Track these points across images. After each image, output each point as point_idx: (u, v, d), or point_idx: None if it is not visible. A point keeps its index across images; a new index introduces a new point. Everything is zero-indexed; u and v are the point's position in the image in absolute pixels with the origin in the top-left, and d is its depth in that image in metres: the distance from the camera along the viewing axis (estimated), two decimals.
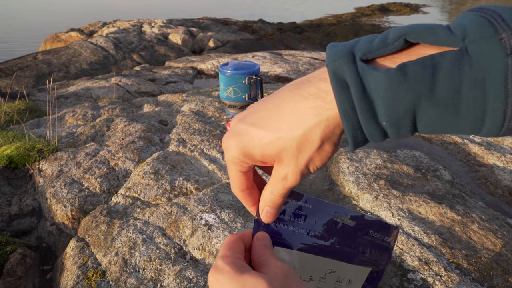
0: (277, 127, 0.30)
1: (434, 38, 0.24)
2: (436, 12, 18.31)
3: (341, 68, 0.27)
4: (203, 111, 2.21)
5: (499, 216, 1.30)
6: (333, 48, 0.28)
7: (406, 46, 0.26)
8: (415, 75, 0.24)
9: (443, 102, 0.24)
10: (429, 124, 0.26)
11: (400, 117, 0.26)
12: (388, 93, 0.25)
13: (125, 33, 6.78)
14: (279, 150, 0.30)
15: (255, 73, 1.48)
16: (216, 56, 5.04)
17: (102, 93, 3.37)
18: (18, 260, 1.23)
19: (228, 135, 0.33)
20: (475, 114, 0.24)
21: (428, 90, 0.24)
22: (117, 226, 1.28)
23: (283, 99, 0.31)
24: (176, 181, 1.49)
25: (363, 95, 0.26)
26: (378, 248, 0.42)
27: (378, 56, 0.27)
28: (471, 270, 1.04)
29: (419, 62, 0.24)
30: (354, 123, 0.27)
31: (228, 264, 0.32)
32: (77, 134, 2.01)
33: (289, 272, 0.32)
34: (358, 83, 0.26)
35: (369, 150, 1.70)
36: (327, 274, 0.39)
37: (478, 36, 0.23)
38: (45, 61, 5.42)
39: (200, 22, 8.88)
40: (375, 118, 0.26)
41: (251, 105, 0.34)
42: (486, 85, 0.23)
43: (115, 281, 1.09)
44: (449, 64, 0.24)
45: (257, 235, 0.36)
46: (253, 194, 0.36)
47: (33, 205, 1.58)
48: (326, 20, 14.22)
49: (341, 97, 0.27)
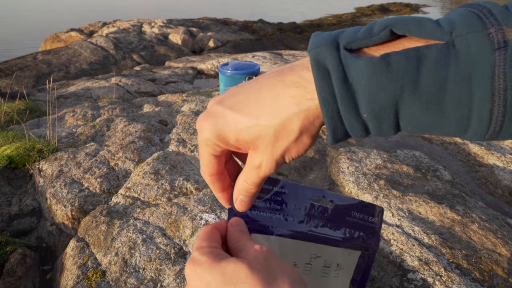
0: (255, 113, 0.29)
1: (421, 30, 0.24)
2: (436, 12, 18.32)
3: (323, 55, 0.26)
4: (203, 111, 2.21)
5: (499, 216, 1.30)
6: (317, 35, 0.27)
7: (392, 38, 0.25)
8: (398, 65, 0.23)
9: (427, 96, 0.23)
10: (413, 121, 0.25)
11: (382, 110, 0.24)
12: (370, 82, 0.24)
13: (125, 33, 6.78)
14: (255, 137, 0.29)
15: (255, 73, 1.48)
16: (216, 56, 5.04)
17: (102, 93, 3.37)
18: (18, 260, 1.23)
19: (203, 116, 0.32)
20: (460, 113, 0.23)
21: (411, 82, 0.23)
22: (117, 226, 1.28)
23: (264, 85, 0.29)
24: (176, 181, 1.49)
25: (344, 83, 0.25)
26: (363, 230, 0.40)
27: (363, 47, 0.26)
28: (471, 270, 1.04)
29: (404, 53, 0.23)
30: (334, 113, 0.26)
31: (204, 255, 0.30)
32: (77, 134, 2.01)
33: (270, 254, 0.31)
34: (340, 70, 0.25)
35: (369, 150, 1.70)
36: (312, 259, 0.38)
37: (466, 30, 0.22)
38: (45, 61, 5.42)
39: (200, 22, 8.88)
40: (356, 109, 0.25)
41: (230, 88, 0.32)
42: (472, 81, 0.22)
43: (115, 281, 1.09)
44: (434, 56, 0.23)
45: (231, 221, 0.35)
46: (222, 180, 0.34)
47: (33, 205, 1.57)
48: (326, 20, 14.22)
49: (322, 85, 0.26)
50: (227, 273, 0.28)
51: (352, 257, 0.41)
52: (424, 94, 0.23)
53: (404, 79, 0.23)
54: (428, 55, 0.23)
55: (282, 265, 0.30)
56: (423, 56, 0.23)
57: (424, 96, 0.23)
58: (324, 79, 0.26)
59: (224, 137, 0.30)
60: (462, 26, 0.23)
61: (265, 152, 0.30)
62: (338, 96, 0.25)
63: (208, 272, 0.29)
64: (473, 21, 0.22)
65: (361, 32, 0.26)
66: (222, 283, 0.28)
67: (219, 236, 0.34)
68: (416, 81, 0.23)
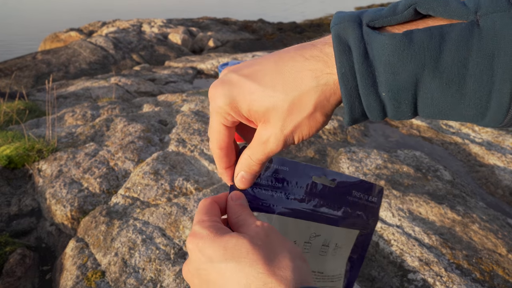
0: (271, 83, 0.28)
1: (445, 9, 0.23)
2: None
3: (345, 31, 0.25)
4: (203, 111, 2.20)
5: (500, 217, 1.29)
6: (340, 13, 0.27)
7: (417, 18, 0.25)
8: (421, 42, 0.23)
9: (447, 76, 0.23)
10: (431, 102, 0.24)
11: (402, 89, 0.24)
12: (391, 58, 0.23)
13: (125, 33, 6.78)
14: (267, 108, 0.28)
15: None
16: (216, 56, 5.04)
17: (102, 93, 3.36)
18: (18, 261, 1.22)
19: (217, 83, 0.30)
20: (479, 94, 0.23)
21: (433, 60, 0.23)
22: (117, 226, 1.27)
23: (283, 57, 0.28)
24: (176, 181, 1.49)
25: (365, 60, 0.24)
26: (363, 209, 0.40)
27: (386, 25, 0.25)
28: (472, 270, 1.04)
29: (427, 30, 0.23)
30: (353, 90, 0.25)
31: (206, 228, 0.30)
32: (76, 134, 2.01)
33: (271, 230, 0.30)
34: (361, 46, 0.24)
35: (369, 150, 1.69)
36: (311, 238, 0.37)
37: (492, 9, 0.22)
38: (45, 61, 5.41)
39: (200, 22, 8.88)
40: (375, 87, 0.25)
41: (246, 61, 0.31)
42: (495, 61, 0.22)
43: (115, 282, 1.08)
44: (457, 34, 0.22)
45: (231, 195, 0.34)
46: (229, 156, 0.33)
47: (32, 205, 1.57)
48: (327, 20, 14.21)
49: (342, 60, 0.25)
50: (229, 247, 0.28)
51: (351, 236, 0.40)
52: (444, 73, 0.23)
53: (426, 57, 0.23)
54: (451, 33, 0.22)
55: (283, 241, 0.30)
56: (446, 34, 0.23)
57: (444, 75, 0.23)
58: (344, 55, 0.25)
59: (237, 105, 0.29)
60: (488, 6, 0.22)
61: (275, 126, 0.29)
62: (358, 72, 0.25)
63: (210, 246, 0.29)
64: (499, 1, 0.22)
65: (384, 10, 0.25)
66: (223, 258, 0.28)
67: (219, 209, 0.33)
68: (438, 60, 0.23)
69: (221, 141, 0.32)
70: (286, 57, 0.28)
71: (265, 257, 0.28)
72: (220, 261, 0.28)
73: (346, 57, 0.25)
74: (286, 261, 0.28)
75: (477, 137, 1.96)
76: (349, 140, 1.90)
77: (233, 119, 0.30)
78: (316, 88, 0.27)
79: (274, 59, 0.29)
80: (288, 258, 0.28)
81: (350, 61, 0.25)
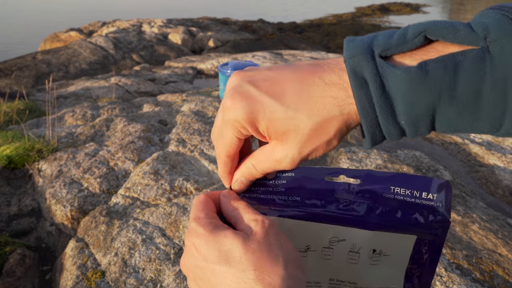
0: (294, 105, 0.28)
1: (455, 36, 0.24)
2: (437, 12, 18.32)
3: (360, 65, 0.26)
4: (203, 111, 2.20)
5: (500, 217, 1.29)
6: (351, 42, 0.27)
7: (425, 43, 0.26)
8: (436, 74, 0.24)
9: (462, 103, 0.24)
10: (448, 123, 0.25)
11: (420, 116, 0.25)
12: (409, 92, 0.24)
13: (125, 33, 6.78)
14: (288, 130, 0.28)
15: None
16: (216, 56, 5.03)
17: (102, 93, 3.36)
18: (18, 261, 1.22)
19: (234, 95, 0.29)
20: (494, 115, 0.24)
21: (448, 90, 0.24)
22: (117, 226, 1.27)
23: (303, 78, 0.28)
24: (176, 181, 1.49)
25: (383, 93, 0.25)
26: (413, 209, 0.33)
27: (397, 53, 0.26)
28: (472, 270, 1.04)
29: (440, 61, 0.24)
30: (373, 121, 0.26)
31: (202, 226, 0.30)
32: (76, 134, 2.01)
33: (271, 229, 0.30)
34: (377, 80, 0.25)
35: (369, 150, 1.69)
36: (333, 243, 0.34)
37: (501, 34, 0.23)
38: (45, 61, 5.41)
39: (200, 22, 8.88)
40: (394, 117, 0.26)
41: (258, 68, 0.31)
42: (508, 85, 0.23)
43: (115, 282, 1.08)
44: (470, 63, 0.23)
45: (223, 193, 0.34)
46: (235, 162, 0.33)
47: (32, 205, 1.57)
48: (326, 20, 14.21)
49: (360, 95, 0.26)
50: (223, 250, 0.29)
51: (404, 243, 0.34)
52: (460, 101, 0.24)
53: (442, 88, 0.24)
54: (464, 62, 0.23)
55: (281, 243, 0.30)
56: (460, 64, 0.23)
57: (460, 102, 0.24)
58: (362, 89, 0.26)
59: (256, 122, 0.29)
60: (497, 31, 0.23)
61: (293, 148, 0.29)
62: (377, 105, 0.26)
63: (205, 245, 0.29)
64: (507, 26, 0.23)
65: (394, 38, 0.26)
66: (217, 260, 0.29)
67: (214, 205, 0.34)
68: (453, 89, 0.24)
69: (231, 150, 0.32)
70: (307, 79, 0.28)
71: (256, 262, 0.28)
72: (214, 263, 0.29)
73: (364, 91, 0.26)
74: (278, 268, 0.28)
75: (477, 137, 1.96)
76: (349, 140, 1.90)
77: (247, 132, 0.30)
78: (339, 117, 0.28)
79: (294, 78, 0.29)
80: (281, 264, 0.28)
81: (368, 95, 0.26)
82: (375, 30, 11.37)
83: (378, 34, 0.27)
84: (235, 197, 0.34)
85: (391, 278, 0.35)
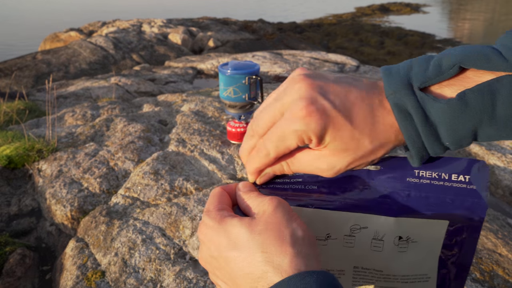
0: (360, 127, 0.30)
1: (489, 64, 0.26)
2: (437, 12, 18.32)
3: (402, 100, 0.29)
4: (203, 111, 2.20)
5: (500, 217, 1.29)
6: (389, 77, 0.30)
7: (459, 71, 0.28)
8: (475, 103, 0.26)
9: (502, 123, 0.27)
10: (488, 138, 0.28)
11: (462, 137, 0.28)
12: (452, 122, 0.27)
13: (125, 33, 6.77)
14: (348, 148, 0.30)
15: (255, 73, 1.47)
16: (216, 56, 5.03)
17: (102, 93, 3.36)
18: (17, 261, 1.22)
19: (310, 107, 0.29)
20: None
21: (488, 116, 0.27)
22: (117, 226, 1.27)
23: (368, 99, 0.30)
24: (176, 181, 1.49)
25: (427, 123, 0.28)
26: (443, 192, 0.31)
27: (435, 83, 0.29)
28: (472, 270, 1.04)
29: (477, 90, 0.26)
30: (419, 146, 0.30)
31: (212, 218, 0.32)
32: (76, 134, 2.01)
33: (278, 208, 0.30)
34: (420, 112, 0.28)
35: None
36: (354, 231, 0.33)
37: None
38: (45, 61, 5.41)
39: (200, 22, 8.87)
40: (439, 140, 0.29)
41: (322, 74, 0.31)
42: None
43: (115, 282, 1.08)
44: (506, 89, 0.26)
45: (238, 186, 0.35)
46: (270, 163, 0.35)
47: (32, 205, 1.57)
48: (327, 20, 14.21)
49: (406, 126, 0.29)
50: (232, 237, 0.30)
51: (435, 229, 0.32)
52: (500, 122, 0.27)
53: (482, 115, 0.27)
54: (500, 89, 0.26)
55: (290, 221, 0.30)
56: (496, 91, 0.26)
57: (500, 123, 0.27)
58: (407, 121, 0.29)
59: (324, 137, 0.30)
60: None
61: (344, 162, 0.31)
62: (422, 134, 0.29)
63: (216, 235, 0.31)
64: None
65: (430, 70, 0.29)
66: (228, 247, 0.30)
67: (229, 198, 0.35)
68: (492, 113, 0.27)
69: (282, 153, 0.32)
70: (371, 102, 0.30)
71: (263, 244, 0.28)
72: (226, 250, 0.30)
73: (409, 123, 0.29)
74: (285, 246, 0.28)
75: None
76: None
77: (309, 143, 0.31)
78: (394, 142, 0.31)
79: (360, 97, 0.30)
80: (288, 243, 0.28)
81: (414, 126, 0.29)
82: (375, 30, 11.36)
83: (413, 64, 0.30)
84: (250, 188, 0.35)
85: (422, 266, 0.34)
